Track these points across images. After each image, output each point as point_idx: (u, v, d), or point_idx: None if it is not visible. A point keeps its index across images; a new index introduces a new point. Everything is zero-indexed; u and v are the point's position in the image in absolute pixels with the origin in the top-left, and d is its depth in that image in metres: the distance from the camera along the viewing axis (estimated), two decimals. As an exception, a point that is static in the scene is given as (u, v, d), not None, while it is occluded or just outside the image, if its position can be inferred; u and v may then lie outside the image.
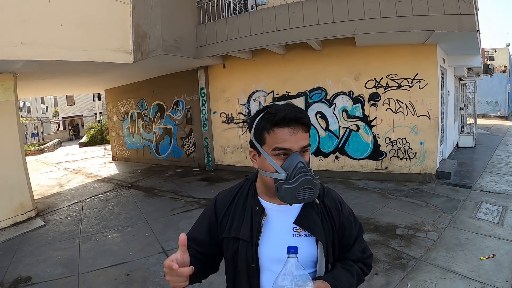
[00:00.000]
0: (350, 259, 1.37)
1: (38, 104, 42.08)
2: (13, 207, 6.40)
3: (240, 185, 1.43)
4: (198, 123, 10.50)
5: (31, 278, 4.22)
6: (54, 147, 23.60)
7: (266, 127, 1.19)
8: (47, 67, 6.69)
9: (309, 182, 1.14)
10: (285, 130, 1.17)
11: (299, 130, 1.18)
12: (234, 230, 1.31)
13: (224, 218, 1.36)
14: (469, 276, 3.47)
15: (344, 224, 1.37)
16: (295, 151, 1.17)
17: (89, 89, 18.02)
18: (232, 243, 1.31)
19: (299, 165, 1.15)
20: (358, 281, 1.35)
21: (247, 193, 1.38)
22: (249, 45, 7.58)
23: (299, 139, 1.18)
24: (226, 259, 1.38)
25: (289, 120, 1.16)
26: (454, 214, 5.23)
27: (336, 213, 1.36)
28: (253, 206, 1.32)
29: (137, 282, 3.97)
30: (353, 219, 1.42)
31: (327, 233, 1.29)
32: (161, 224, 5.84)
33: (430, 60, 6.90)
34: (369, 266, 1.45)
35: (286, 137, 1.17)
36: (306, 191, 1.15)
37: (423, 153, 7.13)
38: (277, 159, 1.19)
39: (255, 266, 1.26)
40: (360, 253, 1.40)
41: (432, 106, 6.95)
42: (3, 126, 6.29)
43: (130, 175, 10.62)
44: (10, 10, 5.32)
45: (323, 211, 1.33)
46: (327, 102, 8.01)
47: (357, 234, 1.42)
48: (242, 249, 1.28)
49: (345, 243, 1.38)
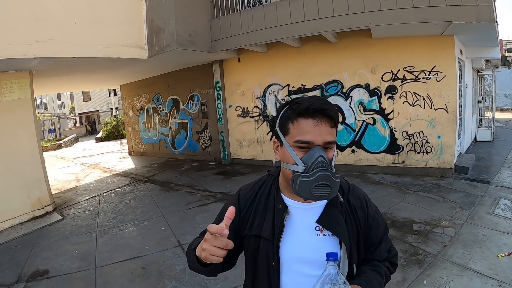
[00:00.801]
0: (376, 259, 1.34)
1: (54, 100, 42.76)
2: (31, 202, 6.52)
3: (263, 181, 1.40)
4: (214, 117, 10.52)
5: (48, 272, 4.29)
6: (71, 143, 23.97)
7: (291, 117, 1.16)
8: (62, 64, 6.77)
9: (327, 178, 1.09)
10: (309, 121, 1.13)
11: (323, 123, 1.13)
12: (256, 228, 1.29)
13: (246, 215, 1.33)
14: (486, 273, 3.40)
15: (370, 224, 1.33)
16: (317, 145, 1.13)
17: (104, 85, 18.22)
18: (253, 241, 1.29)
19: (319, 159, 1.10)
20: (386, 280, 1.33)
21: (269, 189, 1.35)
22: (263, 38, 7.53)
23: (323, 133, 1.13)
24: (247, 256, 1.35)
25: (313, 111, 1.12)
26: (471, 210, 5.13)
27: (362, 212, 1.32)
28: (276, 203, 1.29)
29: (153, 275, 4.00)
30: (379, 218, 1.38)
31: (351, 233, 1.25)
32: (177, 218, 5.88)
33: (447, 52, 6.75)
34: (395, 265, 1.42)
35: (310, 128, 1.13)
36: (323, 188, 1.10)
37: (440, 147, 7.00)
38: (298, 151, 1.15)
39: (276, 265, 1.23)
40: (387, 252, 1.37)
41: (450, 99, 6.80)
42: (20, 123, 6.40)
43: (146, 169, 10.72)
44: (24, 9, 5.38)
45: (348, 210, 1.29)
46: (343, 95, 7.92)
47: (383, 233, 1.38)
48: (263, 247, 1.26)
49: (370, 242, 1.34)
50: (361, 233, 1.30)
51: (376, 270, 1.30)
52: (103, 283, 3.93)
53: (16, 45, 5.28)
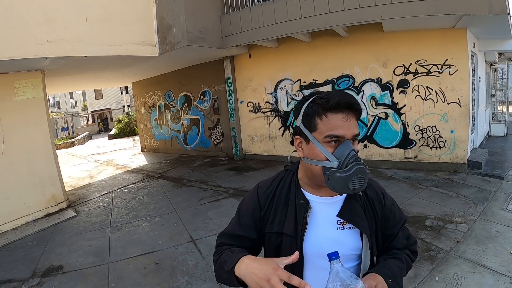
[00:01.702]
0: (396, 248, 1.35)
1: (67, 99, 43.20)
2: (45, 199, 6.64)
3: (281, 177, 1.40)
4: (225, 113, 10.54)
5: (62, 267, 4.37)
6: (84, 140, 24.26)
7: (318, 112, 1.16)
8: (74, 63, 6.84)
9: (362, 171, 1.11)
10: (339, 115, 1.14)
11: (352, 117, 1.16)
12: (278, 225, 1.29)
13: (267, 212, 1.33)
14: (498, 270, 3.35)
15: (387, 215, 1.34)
16: (347, 139, 1.14)
17: (116, 83, 18.36)
18: (275, 238, 1.29)
19: (352, 153, 1.12)
20: (408, 267, 1.33)
21: (289, 185, 1.34)
22: (274, 34, 7.50)
23: (352, 126, 1.15)
24: (267, 254, 1.35)
25: (343, 106, 1.14)
26: (485, 206, 5.06)
27: (379, 205, 1.33)
28: (297, 199, 1.29)
29: (166, 270, 4.05)
30: (396, 209, 1.39)
31: (370, 225, 1.26)
32: (190, 213, 5.92)
33: (460, 45, 6.64)
34: (415, 253, 1.42)
35: (340, 123, 1.14)
36: (358, 181, 1.12)
37: (453, 141, 6.92)
38: (328, 146, 1.15)
39: (299, 261, 1.21)
40: (405, 240, 1.38)
41: (463, 93, 6.70)
42: (33, 122, 6.50)
43: (158, 166, 10.80)
44: (35, 9, 5.44)
45: (366, 202, 1.30)
46: (355, 90, 7.85)
47: (400, 223, 1.38)
48: (286, 244, 1.26)
49: (388, 233, 1.35)
50: (379, 225, 1.31)
51: (396, 257, 1.31)
52: (116, 278, 3.99)
53: (28, 45, 5.35)
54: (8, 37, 5.12)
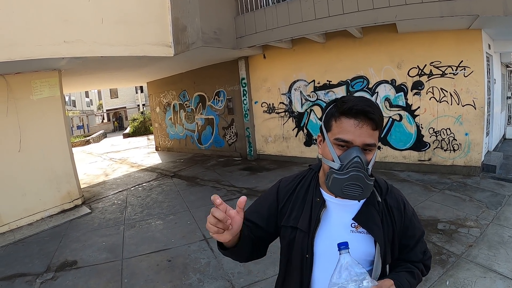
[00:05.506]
0: (411, 260, 1.36)
1: (83, 98, 43.83)
2: (60, 196, 6.79)
3: (303, 175, 1.43)
4: (240, 113, 10.60)
5: (76, 262, 4.47)
6: (99, 138, 24.56)
7: (334, 115, 1.19)
8: (90, 63, 6.97)
9: (359, 179, 1.12)
10: (351, 121, 1.14)
11: (365, 124, 1.14)
12: (293, 220, 1.32)
13: (284, 206, 1.37)
14: (510, 276, 3.31)
15: (406, 225, 1.34)
16: (356, 145, 1.15)
17: (131, 82, 18.55)
18: (289, 232, 1.33)
19: (355, 159, 1.12)
20: (418, 281, 1.35)
21: (309, 183, 1.38)
22: (288, 35, 7.52)
23: (363, 134, 1.14)
24: (282, 247, 1.39)
25: (356, 111, 1.14)
26: (498, 210, 4.99)
27: (398, 214, 1.33)
28: (314, 197, 1.32)
29: (179, 268, 4.11)
30: (415, 220, 1.38)
31: (386, 233, 1.26)
32: (203, 212, 5.96)
33: (475, 46, 6.55)
34: (428, 268, 1.42)
35: (350, 128, 1.14)
36: (354, 188, 1.13)
37: (468, 144, 6.84)
38: (337, 148, 1.17)
39: (309, 257, 1.27)
40: (422, 254, 1.38)
41: (478, 95, 6.62)
42: (50, 120, 6.66)
43: (173, 165, 10.90)
44: (53, 11, 5.56)
45: (385, 210, 1.30)
46: (369, 91, 7.82)
47: (419, 235, 1.38)
48: (299, 239, 1.29)
49: (405, 243, 1.35)
50: (397, 234, 1.31)
51: (409, 270, 1.31)
52: (129, 274, 4.06)
53: (46, 45, 5.47)
54: (25, 38, 5.24)
